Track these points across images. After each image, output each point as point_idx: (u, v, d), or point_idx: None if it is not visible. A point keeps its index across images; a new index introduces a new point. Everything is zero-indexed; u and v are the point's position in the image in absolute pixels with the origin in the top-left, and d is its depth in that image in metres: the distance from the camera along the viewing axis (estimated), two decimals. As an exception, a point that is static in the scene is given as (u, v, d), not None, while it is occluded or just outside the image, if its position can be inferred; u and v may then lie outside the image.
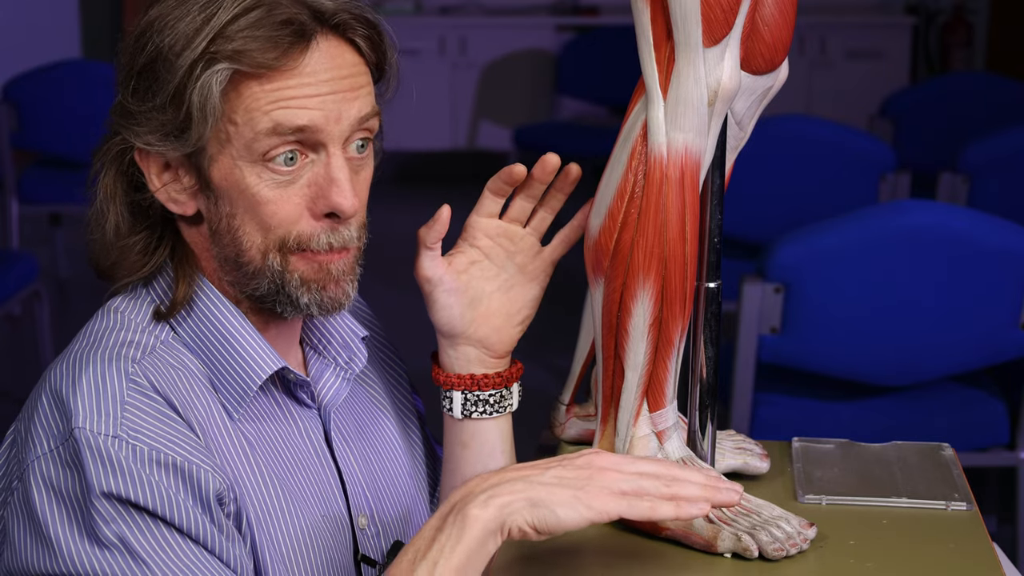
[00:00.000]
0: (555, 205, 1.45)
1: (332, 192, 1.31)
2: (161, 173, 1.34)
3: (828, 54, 7.03)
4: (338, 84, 1.31)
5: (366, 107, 1.33)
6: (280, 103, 1.29)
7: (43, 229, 5.52)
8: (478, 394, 1.45)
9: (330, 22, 1.31)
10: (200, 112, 1.28)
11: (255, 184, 1.31)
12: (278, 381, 1.40)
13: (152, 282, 1.37)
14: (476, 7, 7.33)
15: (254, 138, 1.29)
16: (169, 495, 1.25)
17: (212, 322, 1.36)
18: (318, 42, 1.30)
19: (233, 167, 1.31)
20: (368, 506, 1.45)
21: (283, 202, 1.31)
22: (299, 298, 1.34)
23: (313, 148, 1.31)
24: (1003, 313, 2.77)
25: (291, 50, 1.28)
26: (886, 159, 3.81)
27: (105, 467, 1.24)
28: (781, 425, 2.92)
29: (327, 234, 1.33)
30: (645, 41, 1.27)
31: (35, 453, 1.27)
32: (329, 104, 1.30)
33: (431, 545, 1.18)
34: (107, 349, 1.31)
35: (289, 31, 1.28)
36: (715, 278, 1.35)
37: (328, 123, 1.30)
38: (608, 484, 1.17)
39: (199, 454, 1.28)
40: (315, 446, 1.42)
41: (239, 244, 1.33)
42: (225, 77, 1.27)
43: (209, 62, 1.27)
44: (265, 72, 1.28)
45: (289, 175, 1.31)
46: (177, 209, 1.35)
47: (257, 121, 1.29)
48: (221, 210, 1.33)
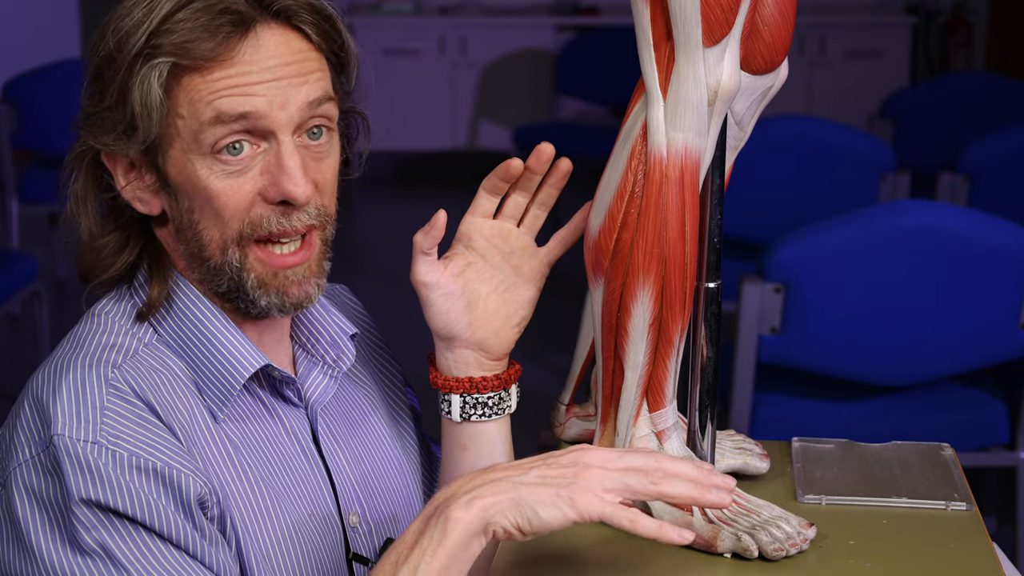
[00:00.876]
0: (548, 202, 1.44)
1: (283, 179, 1.30)
2: (127, 173, 1.34)
3: (828, 54, 7.03)
4: (282, 71, 1.30)
5: (316, 91, 1.32)
6: (221, 92, 1.28)
7: (43, 229, 5.52)
8: (477, 397, 1.44)
9: (271, 9, 1.30)
10: (143, 108, 1.28)
11: (206, 176, 1.30)
12: (263, 380, 1.40)
13: (135, 284, 1.38)
14: (476, 7, 7.33)
15: (200, 129, 1.29)
16: (150, 501, 1.24)
17: (192, 321, 1.36)
18: (258, 31, 1.30)
19: (186, 161, 1.31)
20: (359, 504, 1.45)
21: (234, 192, 1.31)
22: (258, 299, 1.34)
23: (263, 136, 1.31)
24: (1003, 313, 2.77)
25: (229, 39, 1.28)
26: (886, 159, 3.81)
27: (84, 474, 1.23)
28: (781, 425, 2.92)
29: (277, 218, 1.32)
30: (645, 41, 1.27)
31: (16, 460, 1.27)
32: (272, 91, 1.29)
33: (413, 548, 1.17)
34: (88, 355, 1.31)
35: (226, 20, 1.28)
36: (715, 278, 1.35)
37: (272, 109, 1.29)
38: (592, 483, 1.15)
39: (180, 459, 1.27)
40: (302, 445, 1.41)
41: (200, 239, 1.33)
42: (164, 71, 1.28)
43: (148, 57, 1.28)
44: (204, 63, 1.28)
45: (239, 164, 1.30)
46: (143, 208, 1.35)
47: (201, 112, 1.29)
48: (181, 206, 1.33)
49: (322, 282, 1.37)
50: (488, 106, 7.22)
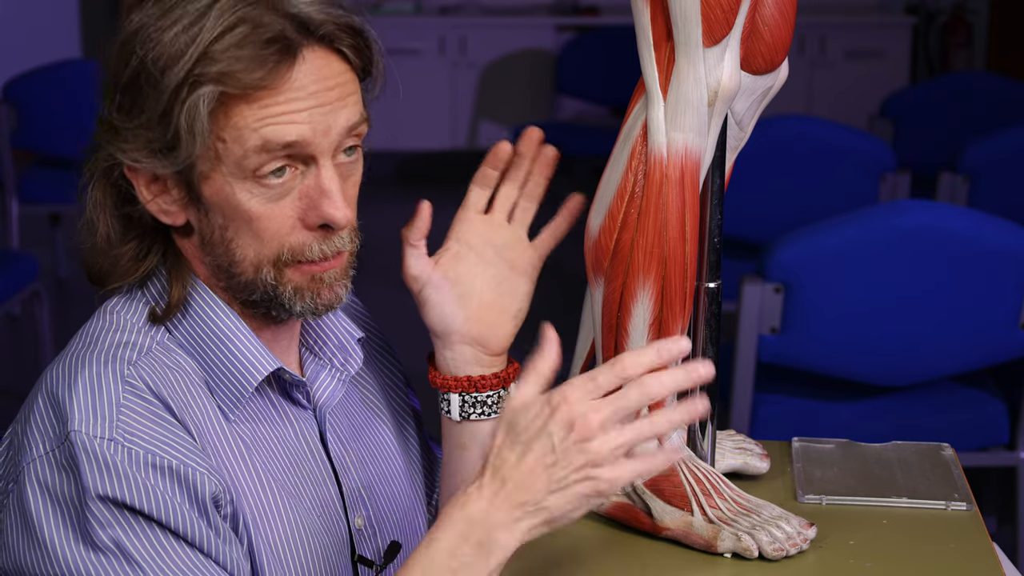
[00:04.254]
0: (536, 194, 1.45)
1: (324, 204, 1.31)
2: (150, 185, 1.33)
3: (828, 54, 7.02)
4: (325, 96, 1.30)
5: (354, 116, 1.32)
6: (268, 120, 1.28)
7: (43, 229, 5.52)
8: (476, 395, 1.45)
9: (316, 34, 1.30)
10: (188, 133, 1.27)
11: (247, 200, 1.30)
12: (274, 382, 1.40)
13: (147, 284, 1.37)
14: (476, 7, 7.32)
15: (244, 156, 1.28)
16: (164, 498, 1.25)
17: (208, 324, 1.36)
18: (304, 56, 1.29)
19: (224, 184, 1.30)
20: (364, 507, 1.45)
21: (275, 216, 1.31)
22: (293, 306, 1.34)
23: (303, 161, 1.31)
24: (1003, 313, 2.77)
25: (278, 68, 1.27)
26: (886, 159, 3.81)
27: (100, 470, 1.24)
28: (781, 425, 2.92)
29: (319, 243, 1.33)
30: (645, 41, 1.27)
31: (31, 456, 1.27)
32: (317, 117, 1.29)
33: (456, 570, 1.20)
34: (103, 351, 1.31)
35: (275, 49, 1.27)
36: (715, 278, 1.35)
37: (316, 136, 1.29)
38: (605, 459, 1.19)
39: (195, 457, 1.28)
40: (311, 447, 1.42)
41: (232, 256, 1.33)
42: (212, 98, 1.26)
43: (195, 84, 1.26)
44: (252, 92, 1.27)
45: (279, 188, 1.30)
46: (167, 220, 1.34)
47: (246, 139, 1.28)
48: (213, 222, 1.32)
49: (349, 285, 1.38)
50: (488, 106, 7.21)
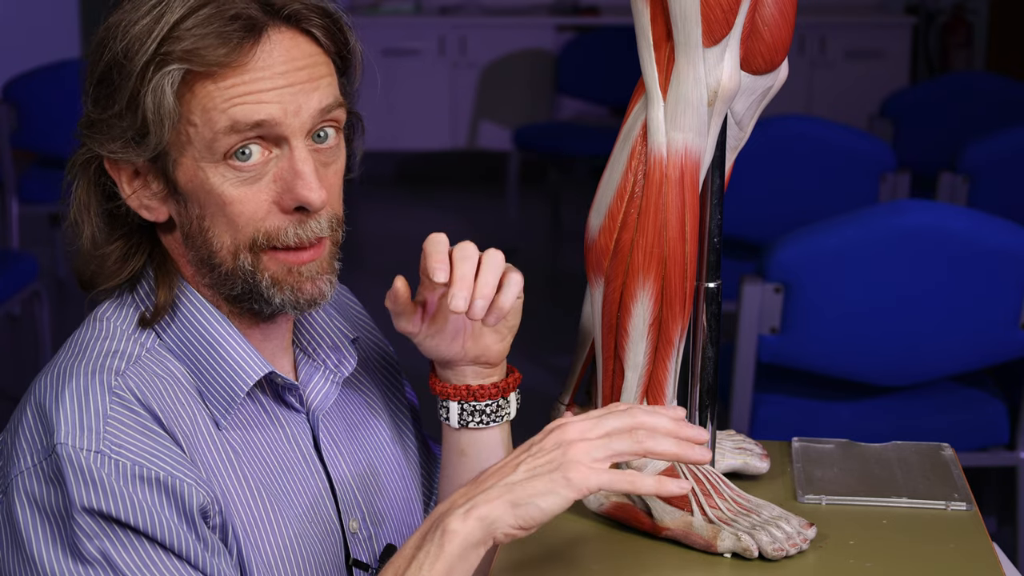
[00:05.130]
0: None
1: (298, 185, 1.29)
2: (132, 180, 1.32)
3: (828, 54, 7.03)
4: (294, 76, 1.29)
5: (327, 98, 1.31)
6: (236, 99, 1.27)
7: (43, 229, 5.52)
8: (475, 404, 1.44)
9: (282, 14, 1.29)
10: (156, 115, 1.27)
11: (219, 184, 1.29)
12: (266, 386, 1.39)
13: (136, 287, 1.37)
14: (476, 7, 7.33)
15: (214, 138, 1.28)
16: (152, 511, 1.24)
17: (196, 328, 1.35)
18: (270, 35, 1.29)
19: (196, 169, 1.29)
20: (359, 510, 1.44)
21: (249, 200, 1.30)
22: (272, 297, 1.33)
23: (276, 143, 1.30)
24: (1003, 313, 2.77)
25: (242, 45, 1.27)
26: (886, 159, 3.81)
27: (87, 483, 1.23)
28: (781, 425, 2.92)
29: (295, 227, 1.31)
30: (645, 41, 1.27)
31: (18, 468, 1.26)
32: (287, 97, 1.28)
33: (410, 562, 1.19)
34: (91, 361, 1.30)
35: (238, 26, 1.27)
36: (715, 278, 1.35)
37: (287, 116, 1.29)
38: (581, 457, 1.17)
39: (183, 468, 1.27)
40: (303, 451, 1.41)
41: (210, 246, 1.32)
42: (177, 78, 1.26)
43: (160, 64, 1.26)
44: (217, 70, 1.27)
45: (252, 171, 1.29)
46: (150, 216, 1.34)
47: (215, 120, 1.27)
48: (191, 212, 1.32)
49: (334, 279, 1.36)
50: (488, 106, 7.21)
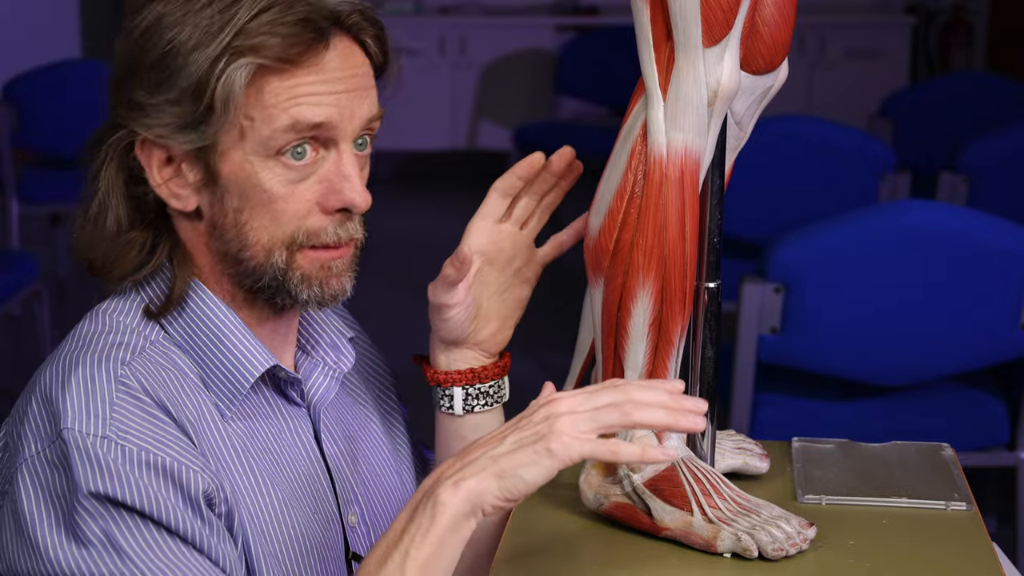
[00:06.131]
0: (553, 205, 1.47)
1: (345, 188, 1.33)
2: (163, 167, 1.34)
3: (828, 54, 7.03)
4: (351, 82, 1.33)
5: (374, 108, 1.36)
6: (300, 99, 1.30)
7: (43, 229, 5.52)
8: (479, 387, 1.47)
9: (344, 23, 1.33)
10: (223, 105, 1.29)
11: (268, 180, 1.31)
12: (269, 380, 1.41)
13: (141, 280, 1.37)
14: (476, 7, 7.33)
15: (271, 135, 1.30)
16: (157, 496, 1.25)
17: (203, 321, 1.36)
18: (335, 41, 1.32)
19: (244, 162, 1.31)
20: (357, 504, 1.46)
21: (294, 198, 1.32)
22: (300, 294, 1.35)
23: (325, 145, 1.33)
24: (1003, 313, 2.77)
25: (312, 47, 1.30)
26: (886, 159, 3.81)
27: (93, 467, 1.24)
28: (781, 425, 2.92)
29: (336, 227, 1.35)
30: (645, 41, 1.27)
31: (24, 455, 1.27)
32: (344, 101, 1.32)
33: (402, 534, 1.20)
34: (96, 351, 1.31)
35: (309, 29, 1.30)
36: (715, 278, 1.35)
37: (343, 120, 1.32)
38: (566, 428, 1.18)
39: (188, 455, 1.28)
40: (305, 444, 1.42)
41: (244, 239, 1.34)
42: (249, 71, 1.29)
43: (233, 56, 1.28)
44: (287, 67, 1.30)
45: (302, 171, 1.32)
46: (177, 204, 1.35)
47: (275, 117, 1.30)
48: (227, 205, 1.33)
49: (353, 279, 1.39)
50: (488, 106, 7.22)
